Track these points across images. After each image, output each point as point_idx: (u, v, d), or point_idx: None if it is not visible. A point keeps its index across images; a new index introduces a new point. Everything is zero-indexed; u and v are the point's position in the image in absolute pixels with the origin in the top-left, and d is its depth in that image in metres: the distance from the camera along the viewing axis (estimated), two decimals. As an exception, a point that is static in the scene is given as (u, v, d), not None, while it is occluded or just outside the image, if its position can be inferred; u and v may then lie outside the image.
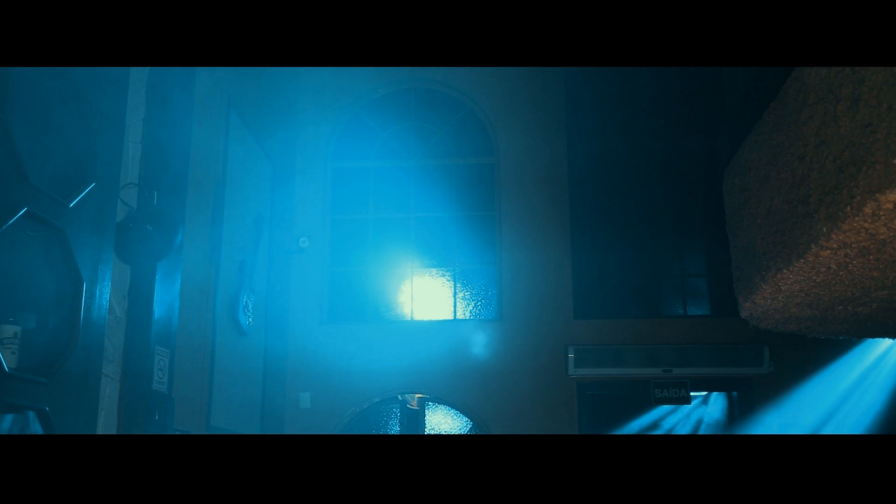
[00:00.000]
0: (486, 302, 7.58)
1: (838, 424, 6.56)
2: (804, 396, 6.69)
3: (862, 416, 6.54)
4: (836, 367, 6.59)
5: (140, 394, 4.11)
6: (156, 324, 4.25)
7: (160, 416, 4.29)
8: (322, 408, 7.20)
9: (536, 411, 7.09)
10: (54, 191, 3.26)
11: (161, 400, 4.33)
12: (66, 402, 3.25)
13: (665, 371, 6.97)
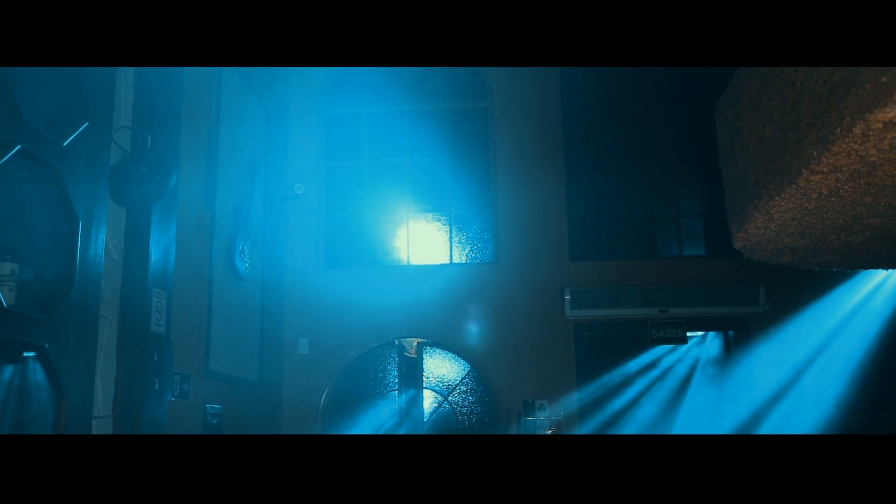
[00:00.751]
0: (481, 245, 7.60)
1: (831, 359, 6.62)
2: (799, 334, 6.73)
3: (854, 350, 6.59)
4: (830, 304, 6.62)
5: (138, 335, 4.14)
6: (152, 266, 4.27)
7: (159, 357, 4.33)
8: (320, 354, 7.25)
9: (533, 354, 7.15)
10: (47, 130, 3.25)
11: (159, 342, 4.37)
12: (65, 341, 3.28)
13: (661, 311, 7.02)
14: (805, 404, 6.67)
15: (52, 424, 3.25)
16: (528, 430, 6.91)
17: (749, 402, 6.74)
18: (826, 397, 6.63)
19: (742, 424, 6.73)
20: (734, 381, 6.94)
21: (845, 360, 6.61)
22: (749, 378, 6.85)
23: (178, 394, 4.88)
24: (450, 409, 7.34)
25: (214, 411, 5.44)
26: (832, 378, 6.65)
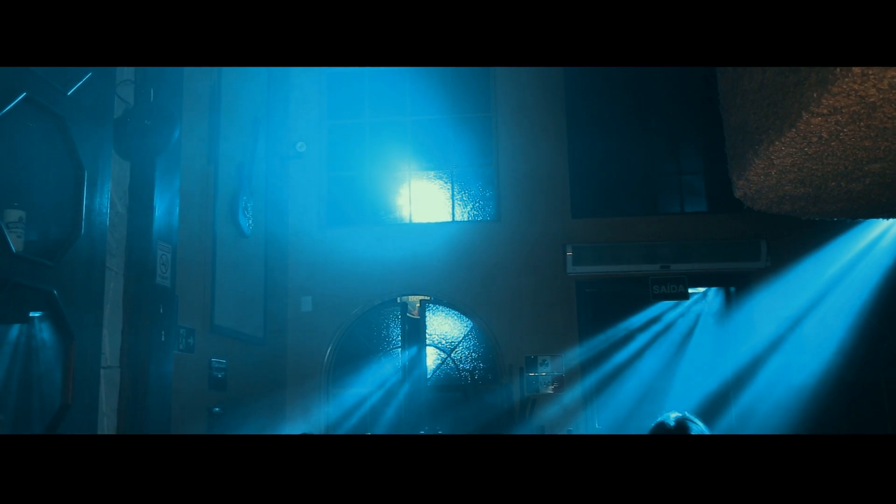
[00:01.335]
0: (483, 203, 7.62)
1: (831, 310, 6.66)
2: (799, 286, 6.77)
3: (853, 301, 6.63)
4: (830, 256, 6.65)
5: (144, 287, 4.18)
6: (157, 220, 4.30)
7: (164, 310, 4.38)
8: (323, 311, 7.30)
9: (536, 310, 7.20)
10: (52, 78, 3.27)
11: (165, 294, 4.41)
12: (73, 290, 3.32)
13: (663, 267, 7.05)
14: (805, 354, 6.72)
15: (60, 379, 3.30)
16: (530, 385, 6.97)
17: (749, 352, 6.79)
18: (826, 348, 6.68)
19: (740, 373, 6.79)
20: (735, 335, 6.98)
21: (845, 312, 6.65)
22: (750, 331, 6.89)
23: (183, 347, 4.93)
24: (452, 365, 7.40)
25: (220, 366, 5.50)
26: (832, 329, 6.69)
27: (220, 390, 5.50)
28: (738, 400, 6.77)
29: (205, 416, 5.27)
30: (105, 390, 3.88)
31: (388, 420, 7.17)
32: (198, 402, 5.20)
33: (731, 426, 6.67)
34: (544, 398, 6.95)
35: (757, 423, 6.55)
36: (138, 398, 4.10)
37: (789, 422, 6.51)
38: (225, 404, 5.54)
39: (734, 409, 6.78)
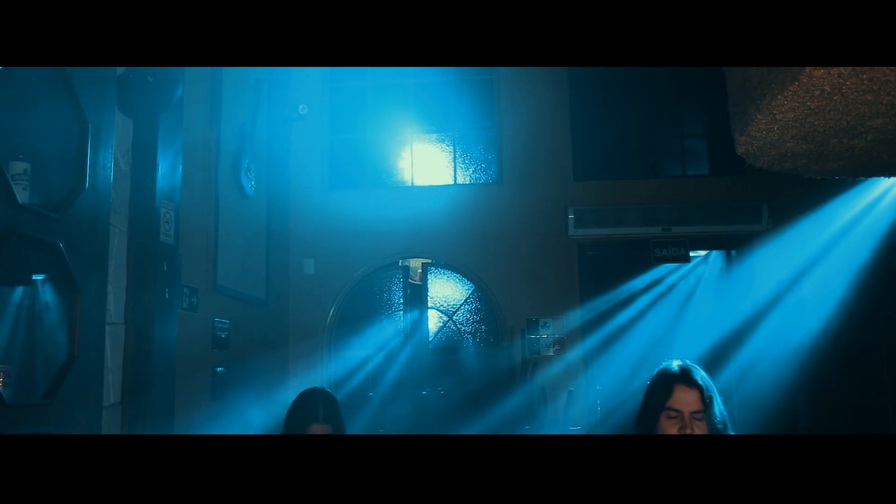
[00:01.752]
0: (485, 166, 7.62)
1: (830, 271, 6.68)
2: (800, 248, 6.79)
3: (853, 263, 6.64)
4: (831, 220, 6.66)
5: (148, 245, 4.19)
6: (160, 178, 4.31)
7: (168, 267, 4.39)
8: (326, 274, 7.34)
9: (537, 273, 7.23)
10: (54, 33, 3.26)
11: (168, 252, 4.43)
12: (78, 243, 3.33)
13: (664, 230, 7.07)
14: (804, 314, 6.76)
15: (65, 336, 3.32)
16: (531, 347, 7.01)
17: (748, 313, 6.83)
18: (825, 308, 6.72)
19: (739, 332, 6.83)
20: (735, 296, 7.02)
21: (845, 273, 6.68)
22: (750, 292, 6.93)
23: (186, 306, 4.96)
24: (454, 328, 7.44)
25: (223, 325, 5.53)
26: (832, 290, 6.72)
27: (224, 350, 5.54)
28: (736, 358, 6.83)
29: (208, 376, 5.32)
30: (110, 346, 3.91)
31: (390, 381, 7.23)
32: (201, 362, 5.24)
33: (729, 383, 6.72)
34: (545, 360, 6.99)
35: (755, 381, 6.60)
36: (143, 355, 4.13)
37: (787, 381, 6.57)
38: (228, 364, 5.58)
39: (733, 366, 6.84)
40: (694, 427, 2.82)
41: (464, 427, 6.50)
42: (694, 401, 2.84)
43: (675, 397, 2.85)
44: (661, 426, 2.88)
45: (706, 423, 2.85)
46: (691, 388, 2.86)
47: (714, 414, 2.87)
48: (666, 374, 2.96)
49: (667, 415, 2.86)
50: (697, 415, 2.83)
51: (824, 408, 6.77)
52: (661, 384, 2.93)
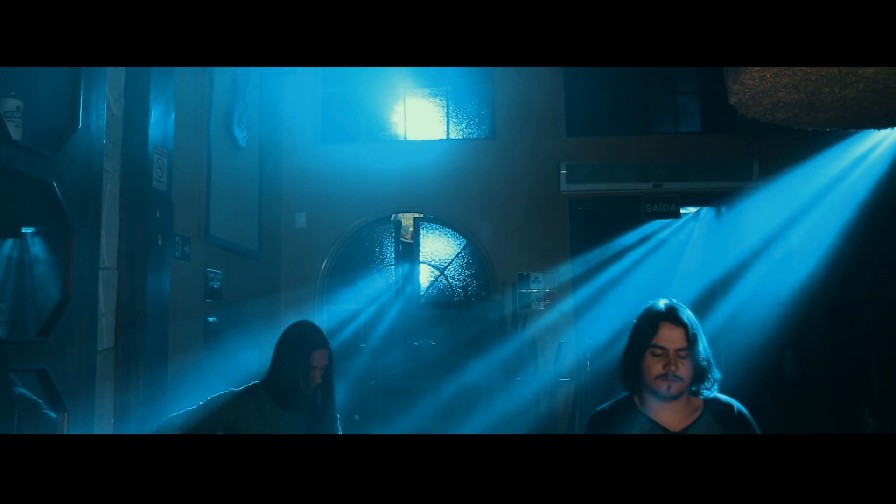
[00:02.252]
0: (478, 121, 7.61)
1: (818, 227, 6.72)
2: (788, 203, 6.83)
3: (840, 218, 6.68)
4: (820, 176, 6.69)
5: (140, 191, 4.20)
6: (152, 125, 4.30)
7: (161, 214, 4.40)
8: (318, 228, 7.35)
9: (529, 228, 7.25)
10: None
11: (161, 198, 4.43)
12: (70, 183, 3.33)
13: (656, 186, 7.09)
14: (791, 269, 6.82)
15: (59, 279, 3.34)
16: (522, 301, 7.06)
17: (737, 268, 6.89)
18: (813, 264, 6.78)
19: (727, 286, 6.89)
20: (725, 252, 7.06)
21: (832, 228, 6.72)
22: (739, 248, 6.98)
23: (179, 255, 4.97)
24: (446, 283, 7.47)
25: (215, 275, 5.55)
26: (819, 245, 6.77)
27: (216, 300, 5.56)
28: (724, 309, 6.89)
29: (201, 325, 5.34)
30: (103, 291, 3.92)
31: (382, 334, 7.28)
32: (194, 312, 5.26)
33: (717, 332, 6.78)
34: (536, 313, 7.04)
35: (742, 333, 6.65)
36: (136, 300, 4.15)
37: (774, 334, 6.64)
38: (221, 315, 5.61)
39: (720, 316, 6.90)
40: (678, 364, 2.86)
41: (454, 375, 6.56)
42: (679, 338, 2.88)
43: (660, 335, 2.90)
44: (647, 363, 2.92)
45: (690, 361, 2.89)
46: (677, 326, 2.90)
47: (698, 352, 2.91)
48: (652, 312, 2.99)
49: (652, 352, 2.91)
50: (682, 352, 2.88)
51: (810, 361, 6.86)
52: (648, 322, 2.97)
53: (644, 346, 2.94)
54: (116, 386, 3.98)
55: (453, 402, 6.50)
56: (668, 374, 2.87)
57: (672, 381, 2.88)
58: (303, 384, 3.90)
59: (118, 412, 3.97)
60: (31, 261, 3.39)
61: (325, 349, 3.99)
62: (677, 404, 2.98)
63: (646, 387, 2.98)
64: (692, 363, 2.89)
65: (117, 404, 3.96)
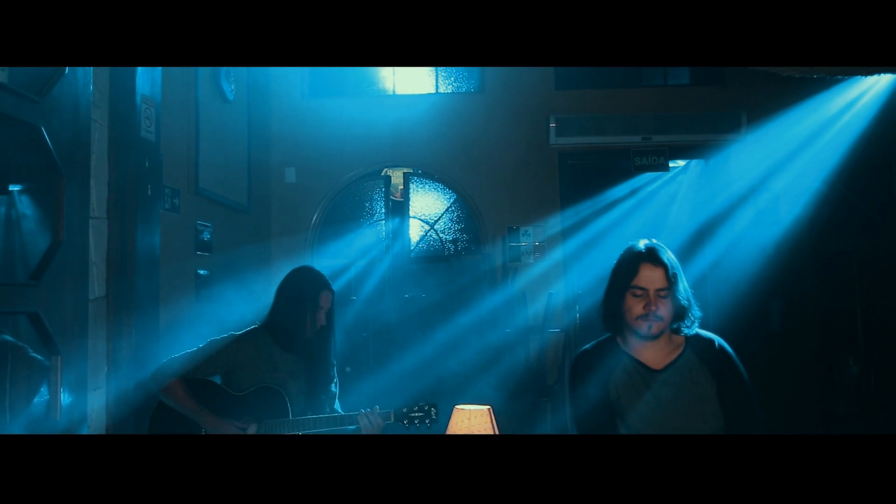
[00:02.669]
0: (467, 74, 7.60)
1: (804, 175, 6.77)
2: (776, 160, 6.86)
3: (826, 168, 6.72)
4: (806, 129, 6.71)
5: (129, 140, 4.19)
6: (139, 74, 4.29)
7: (150, 164, 4.40)
8: (307, 183, 7.36)
9: (519, 181, 7.27)
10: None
11: (150, 148, 4.43)
12: (58, 128, 3.32)
13: (645, 139, 7.10)
14: (778, 221, 6.88)
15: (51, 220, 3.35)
16: (512, 254, 7.10)
17: (723, 219, 6.94)
18: (800, 215, 6.83)
19: (713, 232, 6.93)
20: (712, 204, 7.09)
21: (819, 179, 6.77)
22: (726, 200, 7.02)
23: (169, 207, 4.99)
24: (436, 237, 7.50)
25: (205, 228, 5.56)
26: (805, 197, 6.83)
27: (206, 252, 5.58)
28: (709, 258, 6.94)
29: (192, 278, 5.37)
30: (94, 240, 3.94)
31: (373, 287, 7.32)
32: (185, 265, 5.28)
33: (704, 279, 6.84)
34: (526, 266, 7.09)
35: (728, 284, 6.71)
36: (126, 249, 4.16)
37: (761, 285, 6.71)
38: (211, 268, 5.63)
39: (707, 264, 6.96)
40: (659, 304, 2.91)
41: (445, 328, 6.62)
42: (659, 279, 2.92)
43: (640, 275, 2.93)
44: (627, 304, 2.97)
45: (670, 301, 2.93)
46: (656, 266, 2.94)
47: (678, 291, 2.95)
48: (632, 252, 3.03)
49: (632, 292, 2.95)
50: (662, 292, 2.92)
51: (795, 311, 6.93)
52: (627, 263, 3.01)
53: (624, 287, 2.98)
54: (109, 334, 4.01)
55: (443, 354, 6.57)
56: (649, 315, 2.91)
57: (653, 322, 2.92)
58: (309, 324, 3.99)
59: (111, 358, 4.01)
60: (19, 216, 3.40)
61: (330, 292, 4.08)
62: (659, 342, 3.03)
63: (627, 327, 3.03)
64: (672, 303, 2.94)
65: (110, 349, 3.99)
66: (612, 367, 3.05)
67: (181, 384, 3.79)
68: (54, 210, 3.28)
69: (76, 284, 3.48)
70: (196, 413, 3.74)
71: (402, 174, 7.59)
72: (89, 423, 3.79)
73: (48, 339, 3.13)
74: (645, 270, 2.93)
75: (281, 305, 4.07)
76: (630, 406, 2.97)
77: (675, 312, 2.97)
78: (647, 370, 3.00)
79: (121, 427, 3.99)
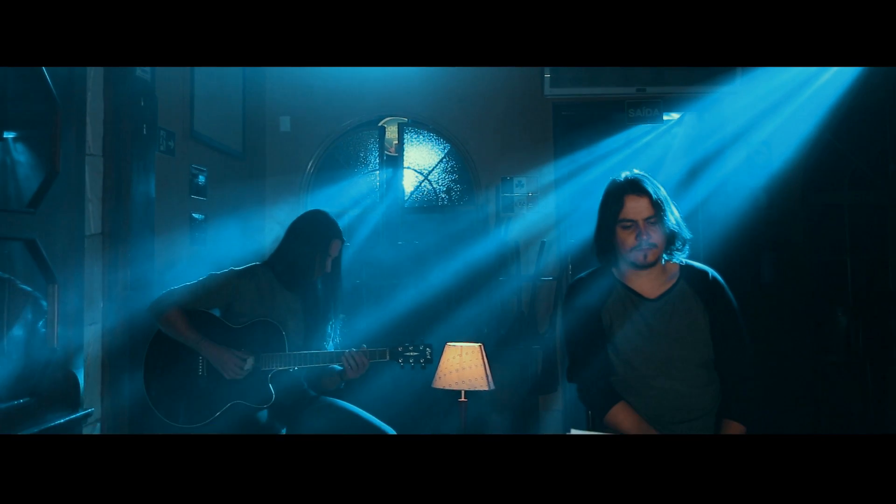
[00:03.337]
0: (463, 24, 7.56)
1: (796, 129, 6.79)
2: (770, 111, 6.86)
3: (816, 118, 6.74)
4: (800, 79, 6.71)
5: (124, 78, 4.21)
6: (134, 12, 4.29)
7: (145, 103, 4.42)
8: (302, 131, 7.36)
9: (513, 132, 7.28)
10: None
11: (145, 88, 4.45)
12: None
13: (639, 90, 7.10)
14: (770, 173, 6.92)
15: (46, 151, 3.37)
16: (506, 204, 7.13)
17: (714, 169, 6.96)
18: (791, 166, 6.87)
19: (704, 184, 6.96)
20: (705, 155, 7.10)
21: (809, 124, 6.78)
22: (720, 151, 7.03)
23: (164, 149, 5.00)
24: (430, 188, 7.52)
25: (200, 172, 5.58)
26: (797, 148, 6.85)
27: (201, 197, 5.60)
28: (701, 209, 6.97)
29: (186, 221, 5.40)
30: (90, 178, 3.97)
31: (366, 235, 7.35)
32: (179, 208, 5.31)
33: (695, 231, 6.88)
34: (519, 215, 7.12)
35: (719, 236, 6.74)
36: (122, 188, 4.20)
37: (752, 238, 6.76)
38: (206, 212, 5.66)
39: (699, 216, 6.99)
40: (650, 231, 2.95)
41: (438, 276, 6.67)
42: (645, 207, 2.96)
43: (626, 208, 2.97)
44: (619, 237, 3.01)
45: (661, 228, 2.97)
46: (641, 195, 2.98)
47: (667, 216, 2.99)
48: (615, 185, 3.07)
49: (622, 225, 2.99)
50: (651, 220, 2.96)
51: (786, 264, 6.98)
52: (612, 197, 3.04)
53: (613, 221, 3.02)
54: (105, 269, 4.06)
55: (437, 302, 6.62)
56: (642, 243, 2.96)
57: (647, 250, 2.97)
58: (317, 269, 4.03)
59: (106, 293, 4.06)
60: (13, 163, 3.42)
61: (341, 241, 4.11)
62: (653, 272, 3.07)
63: (622, 259, 3.07)
64: (662, 229, 2.98)
65: (105, 284, 4.04)
66: (605, 294, 3.10)
67: (181, 314, 3.83)
68: (51, 141, 3.30)
69: (72, 217, 3.52)
70: (197, 343, 3.78)
71: (397, 127, 7.60)
72: (86, 356, 3.85)
73: (45, 268, 3.17)
74: (630, 202, 2.98)
75: (291, 244, 4.11)
76: (622, 333, 3.03)
77: (667, 238, 3.01)
78: (640, 299, 3.05)
79: (117, 359, 4.05)
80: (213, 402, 3.77)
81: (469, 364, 4.19)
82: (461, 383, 4.15)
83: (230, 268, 4.11)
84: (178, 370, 3.83)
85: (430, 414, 5.94)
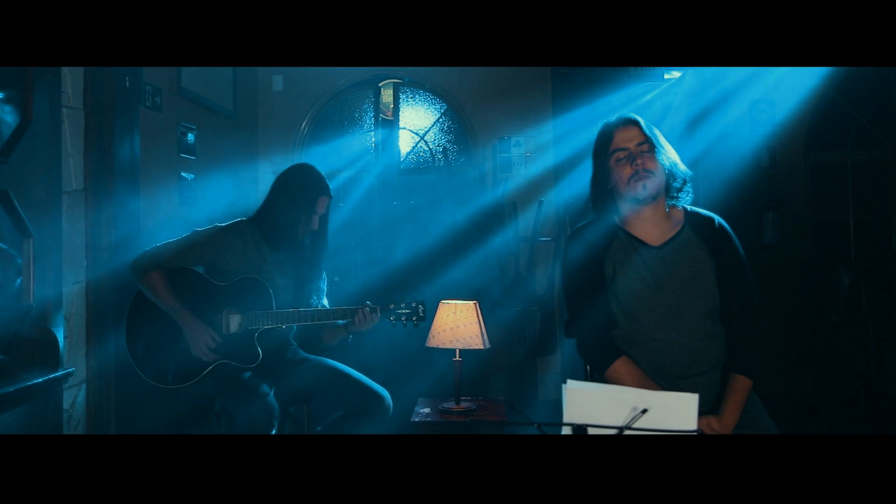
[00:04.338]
0: (459, -21, 7.40)
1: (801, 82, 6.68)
2: (768, 72, 6.78)
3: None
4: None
5: (105, 29, 4.07)
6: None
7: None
8: (295, 91, 7.23)
9: (511, 92, 7.14)
10: None
11: (127, 39, 4.31)
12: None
13: (639, 47, 6.95)
14: (772, 132, 6.82)
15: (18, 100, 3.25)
16: (503, 164, 7.01)
17: (714, 127, 6.86)
18: (794, 125, 6.77)
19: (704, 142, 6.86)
20: (705, 114, 6.98)
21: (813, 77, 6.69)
22: (721, 111, 6.92)
23: (150, 105, 4.87)
24: (426, 148, 7.39)
25: (189, 130, 5.45)
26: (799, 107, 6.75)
27: (190, 156, 5.47)
28: (703, 166, 6.86)
29: (175, 180, 5.28)
30: (69, 131, 3.84)
31: (361, 196, 7.25)
32: (167, 167, 5.18)
33: (696, 192, 6.76)
34: (516, 175, 7.01)
35: (722, 196, 6.64)
36: (104, 142, 4.07)
37: (754, 198, 6.67)
38: (196, 172, 5.53)
39: (700, 176, 6.88)
40: (645, 159, 2.82)
41: (434, 235, 6.57)
42: (636, 135, 2.85)
43: (616, 139, 2.87)
44: (616, 173, 2.88)
45: (656, 156, 2.84)
46: (629, 126, 2.88)
47: (660, 147, 2.87)
48: (604, 125, 2.98)
49: (615, 158, 2.87)
50: (643, 146, 2.83)
51: (789, 223, 6.89)
52: (603, 136, 2.95)
53: (606, 157, 2.91)
54: (87, 227, 3.94)
55: (432, 261, 6.52)
56: (639, 172, 2.82)
57: (645, 178, 2.82)
58: (302, 227, 3.87)
59: (90, 252, 3.94)
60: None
61: (328, 196, 3.95)
62: (656, 216, 2.94)
63: (622, 198, 2.94)
64: (658, 158, 2.85)
65: (88, 242, 3.93)
66: (607, 242, 2.98)
67: (161, 275, 3.66)
68: (22, 93, 3.16)
69: (48, 169, 3.37)
70: (173, 310, 3.63)
71: (392, 89, 7.45)
72: (69, 315, 3.74)
73: (19, 221, 3.04)
74: (620, 133, 2.88)
75: (275, 201, 3.90)
76: (624, 282, 2.90)
77: (665, 172, 2.88)
78: (644, 246, 2.93)
79: (102, 320, 3.95)
80: (199, 362, 3.65)
81: (464, 322, 4.08)
82: (455, 342, 4.05)
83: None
84: (160, 330, 3.69)
85: (425, 375, 5.85)
